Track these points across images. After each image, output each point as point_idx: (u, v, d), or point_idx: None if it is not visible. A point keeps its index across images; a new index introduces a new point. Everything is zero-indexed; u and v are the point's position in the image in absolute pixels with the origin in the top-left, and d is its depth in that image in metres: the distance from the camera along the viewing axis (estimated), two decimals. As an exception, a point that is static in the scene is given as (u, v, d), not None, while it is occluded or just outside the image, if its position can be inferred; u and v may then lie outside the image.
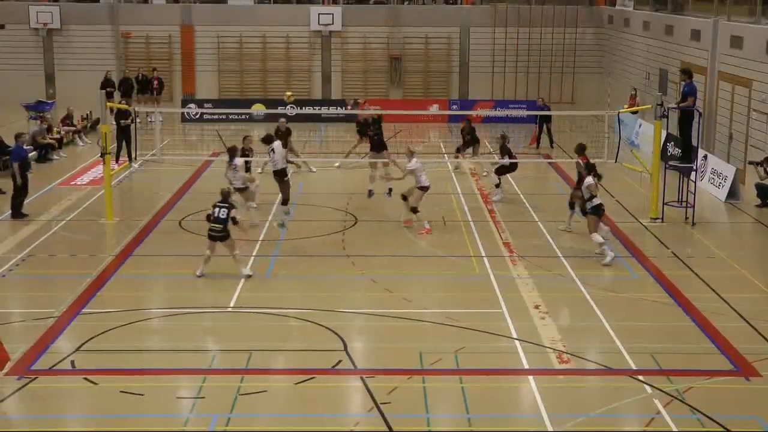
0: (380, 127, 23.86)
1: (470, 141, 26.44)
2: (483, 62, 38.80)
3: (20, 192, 21.48)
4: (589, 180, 18.63)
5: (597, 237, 18.35)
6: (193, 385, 12.80)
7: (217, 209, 16.95)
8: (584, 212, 19.11)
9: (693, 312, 15.62)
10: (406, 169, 20.60)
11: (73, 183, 25.19)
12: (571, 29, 38.58)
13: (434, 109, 36.14)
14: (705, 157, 25.11)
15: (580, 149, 20.52)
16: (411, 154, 20.62)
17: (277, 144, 20.63)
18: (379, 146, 23.52)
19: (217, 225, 16.89)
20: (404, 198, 20.65)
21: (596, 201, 18.44)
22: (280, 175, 20.42)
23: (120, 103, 29.16)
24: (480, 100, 37.80)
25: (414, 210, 20.42)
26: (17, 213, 21.34)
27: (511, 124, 34.47)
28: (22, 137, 22.55)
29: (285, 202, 20.54)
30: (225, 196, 17.15)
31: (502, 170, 23.45)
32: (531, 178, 25.50)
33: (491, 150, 29.38)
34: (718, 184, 24.02)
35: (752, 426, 11.74)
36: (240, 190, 20.51)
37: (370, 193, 22.64)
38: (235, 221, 16.99)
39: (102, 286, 16.79)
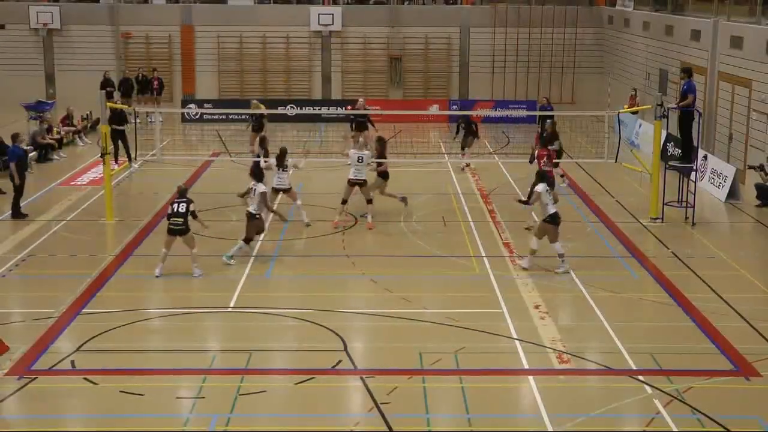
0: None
1: (466, 134, 26.62)
2: (483, 62, 38.77)
3: (18, 192, 21.47)
4: (540, 187, 17.71)
5: (534, 243, 17.67)
6: (193, 385, 12.80)
7: (176, 204, 17.28)
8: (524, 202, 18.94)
9: (693, 312, 15.61)
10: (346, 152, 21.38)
11: (73, 183, 25.18)
12: (571, 29, 38.56)
13: (434, 109, 36.12)
14: (705, 157, 25.10)
15: (550, 139, 21.60)
16: (358, 144, 21.31)
17: (261, 187, 18.48)
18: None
19: (177, 219, 17.18)
20: (344, 202, 20.95)
21: (551, 210, 17.54)
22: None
23: (116, 103, 29.07)
24: (480, 100, 37.78)
25: (343, 201, 20.84)
26: (17, 213, 21.35)
27: (511, 124, 34.49)
28: (19, 137, 22.53)
29: (247, 241, 18.37)
30: (182, 193, 17.52)
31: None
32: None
33: (491, 150, 29.37)
34: (718, 184, 24.01)
35: (752, 426, 11.74)
36: (285, 191, 20.90)
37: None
38: (194, 215, 17.31)
39: (102, 286, 16.80)
